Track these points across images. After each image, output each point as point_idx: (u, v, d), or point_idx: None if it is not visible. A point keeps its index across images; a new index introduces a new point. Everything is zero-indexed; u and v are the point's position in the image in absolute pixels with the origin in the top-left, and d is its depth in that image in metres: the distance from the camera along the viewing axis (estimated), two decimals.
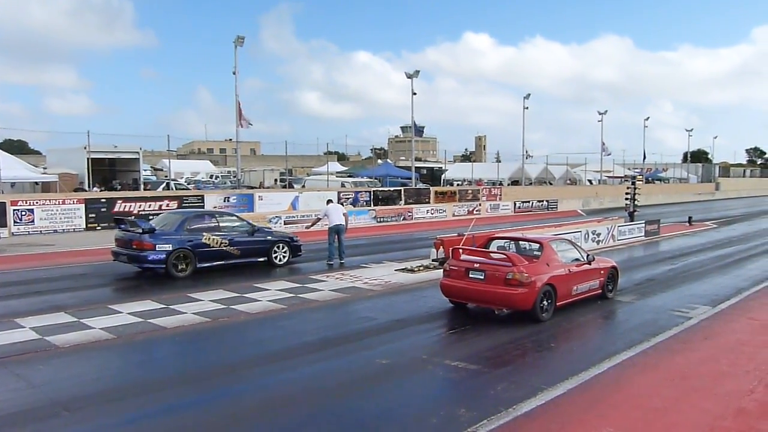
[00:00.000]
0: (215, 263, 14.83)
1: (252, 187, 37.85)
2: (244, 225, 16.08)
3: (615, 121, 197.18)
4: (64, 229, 22.54)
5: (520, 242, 12.23)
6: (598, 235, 21.08)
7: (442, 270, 11.57)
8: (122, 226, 14.96)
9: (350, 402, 6.89)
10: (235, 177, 37.73)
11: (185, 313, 10.64)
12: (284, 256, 16.30)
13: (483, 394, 7.00)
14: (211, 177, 48.89)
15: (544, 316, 10.30)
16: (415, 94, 37.02)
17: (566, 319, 10.63)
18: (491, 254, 11.21)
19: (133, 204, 24.33)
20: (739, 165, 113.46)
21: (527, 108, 46.77)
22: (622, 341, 9.29)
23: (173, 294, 12.18)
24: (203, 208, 25.35)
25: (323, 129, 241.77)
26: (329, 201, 18.16)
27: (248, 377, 7.70)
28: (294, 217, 26.81)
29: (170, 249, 13.95)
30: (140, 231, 13.99)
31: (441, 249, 16.47)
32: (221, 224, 15.44)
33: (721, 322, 10.53)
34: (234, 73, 29.88)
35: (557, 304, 10.62)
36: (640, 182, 28.86)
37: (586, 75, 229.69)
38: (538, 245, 11.41)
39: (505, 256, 10.66)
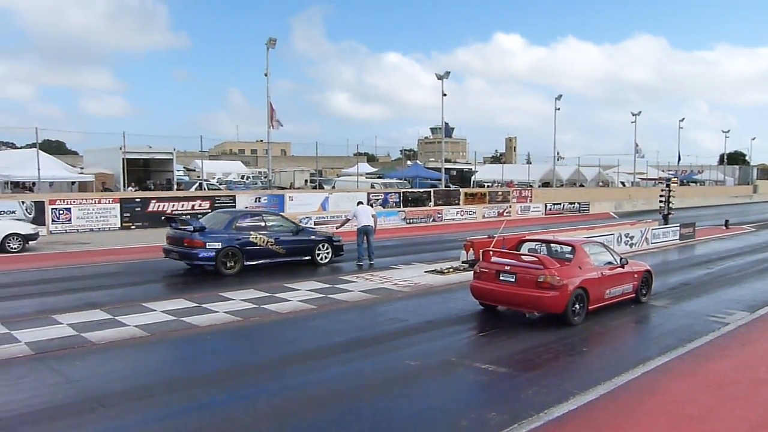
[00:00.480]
0: (261, 261, 15.31)
1: (282, 188, 38.19)
2: (289, 225, 16.59)
3: (648, 122, 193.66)
4: (99, 228, 23.04)
5: (552, 245, 12.05)
6: (632, 238, 20.74)
7: (472, 272, 11.51)
8: (173, 224, 15.57)
9: (379, 403, 6.89)
10: (266, 177, 38.09)
11: (217, 312, 10.78)
12: (327, 256, 16.67)
13: (513, 398, 6.94)
14: (243, 177, 49.40)
15: (576, 320, 10.16)
16: (445, 95, 36.98)
17: (598, 323, 10.48)
18: (522, 257, 11.07)
19: (166, 204, 24.75)
20: None
21: (559, 109, 46.38)
22: (657, 346, 9.12)
23: (205, 293, 12.35)
24: (235, 207, 25.69)
25: (353, 130, 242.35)
26: (359, 203, 18.28)
27: (277, 377, 7.76)
28: (324, 217, 26.96)
29: (220, 247, 14.50)
30: (191, 229, 14.57)
31: (471, 251, 16.37)
32: (267, 224, 15.92)
33: (759, 329, 10.27)
34: (266, 75, 30.25)
35: (589, 307, 10.48)
36: (675, 184, 28.25)
37: (619, 75, 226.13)
38: (570, 248, 11.26)
39: (536, 259, 10.54)
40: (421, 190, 36.28)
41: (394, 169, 58.66)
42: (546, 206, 39.16)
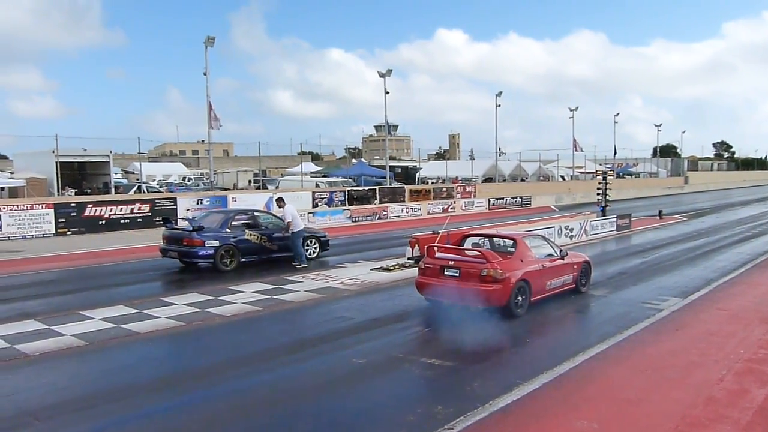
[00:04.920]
0: (256, 257, 16.09)
1: (225, 189, 37.52)
2: (280, 222, 16.95)
3: (588, 116, 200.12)
4: (33, 235, 22.06)
5: (494, 239, 12.33)
6: (571, 230, 21.35)
7: (417, 268, 11.61)
8: (168, 224, 16.46)
9: (327, 402, 6.87)
10: (208, 179, 37.33)
11: (159, 317, 10.51)
12: (315, 251, 17.51)
13: (459, 391, 7.04)
14: (184, 179, 48.26)
15: (519, 312, 10.39)
16: (388, 93, 37.05)
17: (541, 314, 10.74)
18: (466, 251, 11.22)
19: (104, 208, 23.95)
20: (707, 159, 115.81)
21: (500, 106, 47.10)
22: (596, 334, 9.42)
23: (146, 298, 12.01)
24: (176, 210, 25.27)
25: (297, 129, 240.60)
26: (280, 200, 16.88)
27: (223, 381, 7.62)
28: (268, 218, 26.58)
29: (218, 245, 15.21)
30: (190, 229, 15.24)
31: (416, 247, 16.50)
32: (260, 222, 16.69)
33: (691, 313, 10.74)
34: (205, 74, 29.57)
35: (531, 299, 10.73)
36: (612, 177, 29.24)
37: (561, 71, 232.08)
38: (511, 242, 11.55)
39: (479, 253, 10.71)
40: (367, 188, 36.30)
41: (339, 168, 58.41)
42: (489, 201, 39.84)
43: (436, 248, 11.35)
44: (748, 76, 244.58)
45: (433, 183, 46.46)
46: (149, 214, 25.27)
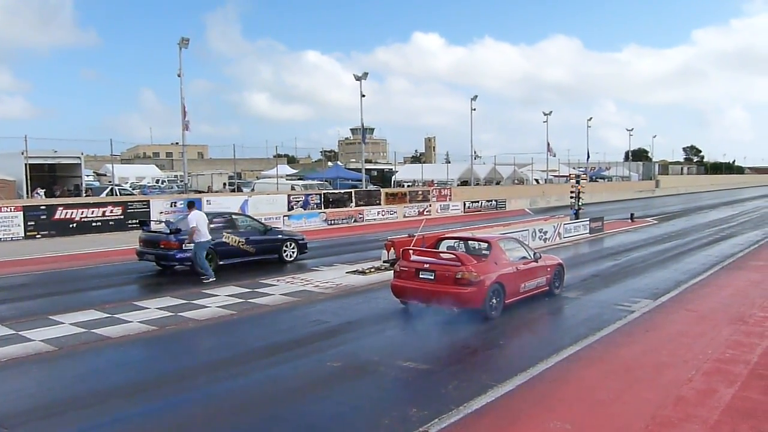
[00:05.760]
0: (234, 260, 15.88)
1: (200, 192, 37.14)
2: (258, 225, 17.40)
3: (563, 120, 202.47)
4: (1, 238, 21.61)
5: (469, 242, 12.43)
6: (545, 233, 21.56)
7: (393, 271, 11.62)
8: (145, 227, 16.30)
9: (301, 407, 6.84)
10: (182, 181, 36.91)
11: (131, 321, 10.35)
12: (293, 253, 17.51)
13: (434, 394, 7.05)
14: (157, 181, 47.65)
15: (494, 314, 10.47)
16: (364, 96, 37.11)
17: (514, 317, 10.83)
18: (441, 254, 11.32)
19: (75, 210, 23.56)
20: (677, 163, 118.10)
21: (475, 110, 47.44)
22: (569, 336, 9.52)
23: (118, 303, 11.83)
24: (149, 213, 24.94)
25: (273, 131, 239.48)
26: (191, 204, 15.10)
27: (196, 386, 7.55)
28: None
29: None
30: (167, 231, 15.05)
31: (392, 250, 16.53)
32: (238, 224, 16.69)
33: (662, 315, 10.92)
34: (179, 75, 29.32)
35: (506, 301, 10.80)
36: (585, 181, 29.65)
37: (536, 75, 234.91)
38: (486, 244, 11.66)
39: (454, 256, 10.78)
40: (342, 191, 36.26)
41: (315, 171, 58.33)
42: (465, 204, 40.06)
43: (411, 251, 11.40)
44: (717, 82, 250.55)
45: (409, 186, 46.59)
46: (122, 216, 24.95)
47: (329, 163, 59.75)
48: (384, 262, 16.34)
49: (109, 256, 18.61)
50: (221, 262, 15.41)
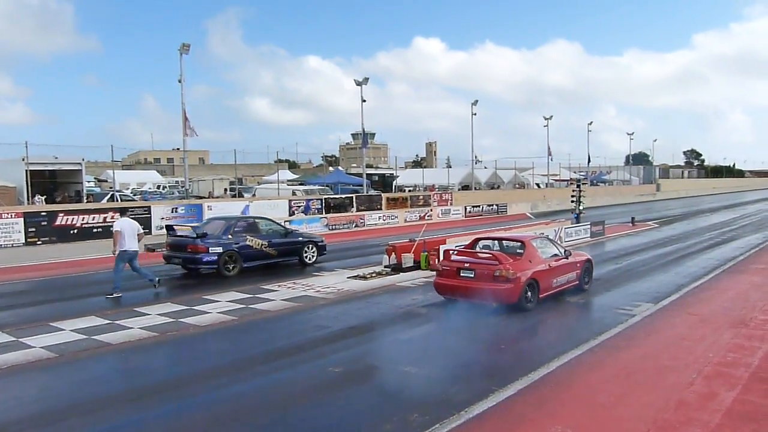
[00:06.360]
0: (257, 263, 16.44)
1: (201, 197, 37.20)
2: (279, 228, 17.84)
3: (564, 124, 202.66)
4: (1, 245, 21.63)
5: (504, 241, 13.18)
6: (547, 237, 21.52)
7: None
8: (171, 231, 16.61)
9: (303, 412, 6.83)
10: (183, 187, 36.98)
11: (131, 328, 10.36)
12: (313, 255, 18.01)
13: (435, 399, 7.04)
14: (159, 187, 47.80)
15: (529, 306, 11.29)
16: (364, 101, 37.16)
17: (516, 322, 10.83)
18: (478, 254, 12.17)
19: (75, 217, 23.54)
20: (678, 166, 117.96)
21: (475, 114, 47.46)
22: (571, 341, 9.50)
23: (119, 309, 11.85)
24: (151, 219, 25.02)
25: (274, 136, 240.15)
26: (123, 212, 14.91)
27: (198, 392, 7.55)
28: None
29: (221, 251, 15.60)
30: (194, 236, 15.55)
31: (393, 255, 16.54)
32: (260, 228, 17.10)
33: (663, 318, 10.91)
34: (180, 81, 29.39)
35: (540, 296, 11.56)
36: (585, 185, 29.66)
37: (537, 80, 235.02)
38: (520, 243, 12.40)
39: (492, 255, 11.70)
40: (343, 195, 36.27)
41: (316, 176, 58.38)
42: (466, 209, 40.07)
43: (452, 252, 12.41)
44: (717, 86, 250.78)
45: (410, 191, 46.66)
46: None
47: (330, 168, 59.86)
48: (385, 266, 16.34)
49: (110, 262, 18.57)
50: (245, 265, 16.01)
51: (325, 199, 33.65)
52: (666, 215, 38.87)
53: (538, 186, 59.11)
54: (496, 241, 13.32)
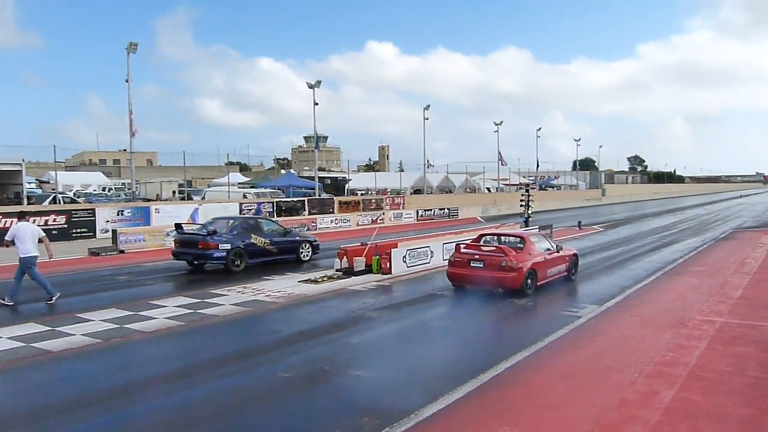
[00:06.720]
0: (260, 259, 17.69)
1: (148, 200, 36.31)
2: (278, 228, 19.22)
3: (514, 130, 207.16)
4: None
5: (504, 237, 14.91)
6: None
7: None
8: (180, 230, 17.98)
9: (251, 419, 6.74)
10: (129, 189, 36.02)
11: (73, 334, 10.02)
12: (308, 253, 19.24)
13: (385, 402, 7.05)
14: (104, 189, 46.34)
15: (529, 292, 13.09)
16: (317, 104, 37.07)
17: (463, 325, 10.99)
18: (482, 247, 13.92)
19: (15, 219, 22.63)
20: (622, 172, 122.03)
21: (428, 119, 48.01)
22: (518, 343, 9.65)
23: (60, 315, 11.45)
24: (95, 222, 24.44)
25: (225, 138, 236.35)
26: (21, 215, 13.84)
27: (144, 399, 7.35)
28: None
29: (229, 248, 16.84)
30: (205, 233, 16.90)
31: (345, 258, 16.52)
32: (263, 228, 18.51)
33: (607, 320, 11.22)
34: (127, 81, 28.69)
35: (537, 284, 13.39)
36: (534, 189, 30.31)
37: (489, 85, 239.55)
38: (520, 239, 14.18)
39: (498, 248, 13.51)
40: (295, 199, 36.04)
41: (268, 179, 57.79)
42: (418, 212, 40.34)
43: (462, 245, 14.24)
44: (660, 95, 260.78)
45: (362, 194, 46.65)
46: (65, 225, 24.20)
47: (282, 171, 59.30)
48: (337, 270, 16.30)
49: (52, 266, 17.95)
50: (250, 261, 17.24)
51: (276, 202, 33.37)
52: (611, 219, 40.02)
53: (489, 190, 60.03)
54: (498, 237, 15.00)
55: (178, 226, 18.48)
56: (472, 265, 13.33)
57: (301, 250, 18.96)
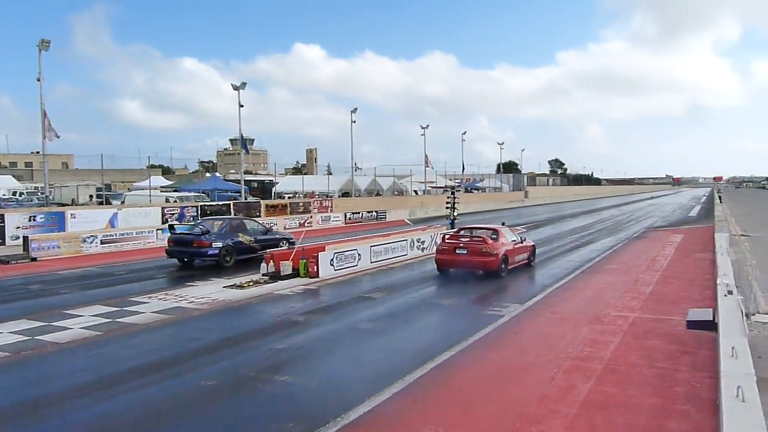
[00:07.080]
0: (247, 256, 19.32)
1: (63, 204, 34.60)
2: (261, 228, 21.29)
3: (441, 133, 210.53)
4: None
5: (480, 229, 17.47)
6: (423, 242, 22.12)
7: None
8: (173, 230, 19.95)
9: (173, 429, 6.55)
10: (42, 193, 34.19)
11: None
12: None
13: (311, 407, 7.01)
14: (14, 194, 43.85)
15: (503, 275, 16.06)
16: (242, 106, 36.43)
17: (391, 325, 11.06)
18: (462, 238, 16.83)
19: None
20: (544, 174, 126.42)
21: (355, 122, 48.10)
22: (443, 342, 9.80)
23: None
24: (4, 228, 23.02)
25: (146, 141, 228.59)
26: None
27: (58, 413, 7.00)
28: (113, 235, 24.85)
29: (221, 245, 18.70)
30: (199, 233, 18.61)
31: (271, 263, 16.29)
32: (248, 228, 20.47)
33: (529, 318, 11.59)
34: (38, 80, 27.22)
35: (509, 267, 16.41)
36: (460, 192, 30.91)
37: (416, 89, 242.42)
38: (493, 231, 16.95)
39: (480, 238, 16.36)
40: (221, 202, 35.22)
41: (192, 182, 56.15)
42: (346, 215, 40.31)
43: (446, 236, 17.50)
44: (578, 101, 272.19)
45: (289, 198, 46.18)
46: None
47: (207, 174, 57.80)
48: (263, 275, 16.04)
49: None
50: (238, 258, 19.03)
51: (201, 206, 32.49)
52: (533, 220, 41.34)
53: (416, 193, 60.77)
54: (476, 230, 17.49)
55: (170, 227, 20.81)
56: (457, 252, 16.14)
57: (280, 246, 19.71)
